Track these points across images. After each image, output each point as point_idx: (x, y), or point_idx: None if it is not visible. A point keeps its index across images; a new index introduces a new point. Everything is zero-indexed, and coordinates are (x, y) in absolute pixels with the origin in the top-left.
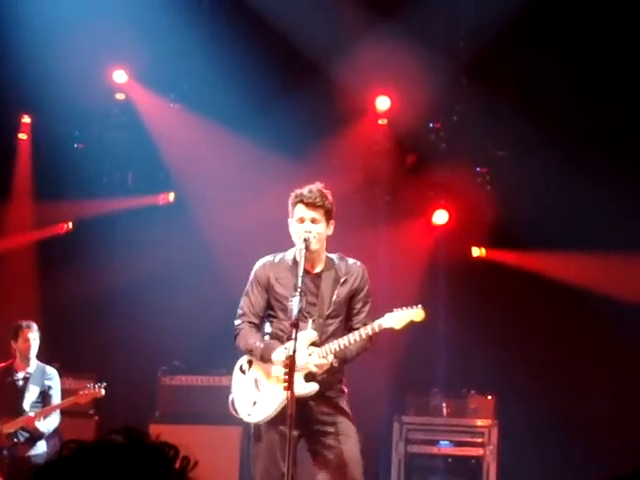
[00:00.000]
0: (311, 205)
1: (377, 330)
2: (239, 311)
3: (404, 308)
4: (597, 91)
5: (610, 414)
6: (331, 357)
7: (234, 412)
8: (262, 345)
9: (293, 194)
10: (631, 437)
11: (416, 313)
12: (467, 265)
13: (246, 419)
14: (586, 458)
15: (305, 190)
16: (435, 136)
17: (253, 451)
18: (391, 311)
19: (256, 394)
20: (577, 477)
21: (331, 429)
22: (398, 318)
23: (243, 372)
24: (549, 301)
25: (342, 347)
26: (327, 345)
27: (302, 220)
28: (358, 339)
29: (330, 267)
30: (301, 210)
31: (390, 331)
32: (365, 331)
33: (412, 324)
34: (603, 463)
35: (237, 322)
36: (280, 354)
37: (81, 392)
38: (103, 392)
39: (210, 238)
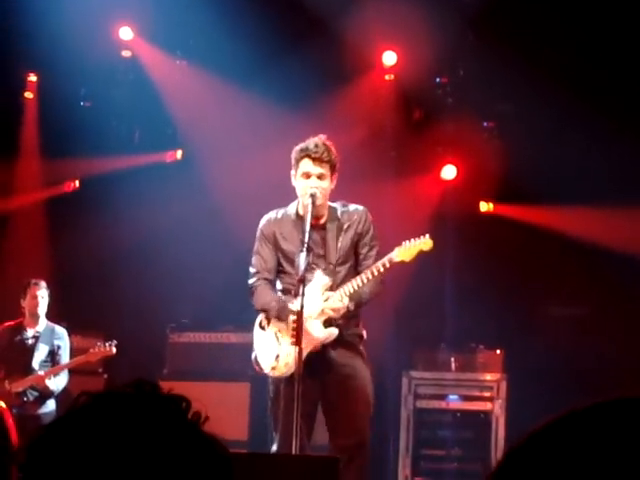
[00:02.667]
0: (317, 160)
1: (388, 265)
2: (251, 270)
3: (412, 240)
4: (606, 44)
5: (621, 367)
6: (346, 300)
7: (258, 369)
8: (277, 305)
9: (298, 148)
10: None
11: (424, 242)
12: (475, 220)
13: (271, 374)
14: None
15: (311, 144)
16: (442, 91)
17: (273, 409)
18: (399, 245)
19: (277, 348)
20: None
21: (346, 371)
22: (407, 250)
23: (263, 328)
24: (557, 255)
25: (356, 288)
26: (341, 289)
27: (308, 175)
28: (371, 277)
29: (333, 217)
30: (307, 165)
31: (401, 265)
32: (377, 268)
33: (421, 254)
34: None
35: (251, 281)
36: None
37: (92, 350)
38: (114, 350)
39: (218, 194)
